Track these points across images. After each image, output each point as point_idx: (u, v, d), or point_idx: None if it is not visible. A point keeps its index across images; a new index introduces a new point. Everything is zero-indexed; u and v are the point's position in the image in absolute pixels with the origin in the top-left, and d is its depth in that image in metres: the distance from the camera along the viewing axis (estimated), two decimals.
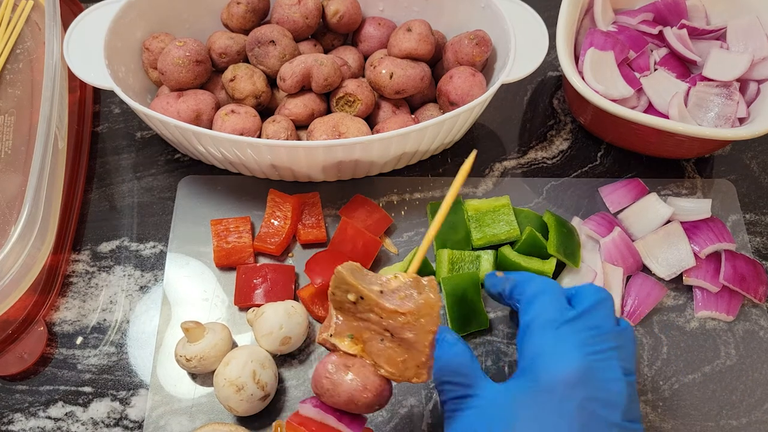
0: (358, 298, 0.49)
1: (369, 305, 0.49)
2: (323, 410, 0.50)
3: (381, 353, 0.49)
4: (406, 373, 0.48)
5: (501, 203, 0.72)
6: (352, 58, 0.78)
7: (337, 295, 0.50)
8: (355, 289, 0.49)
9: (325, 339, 0.50)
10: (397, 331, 0.48)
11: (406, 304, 0.48)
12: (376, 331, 0.49)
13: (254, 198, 0.75)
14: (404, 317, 0.48)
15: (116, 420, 0.64)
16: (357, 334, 0.49)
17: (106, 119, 0.83)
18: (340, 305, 0.50)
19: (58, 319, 0.69)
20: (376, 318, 0.49)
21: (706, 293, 0.69)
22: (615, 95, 0.72)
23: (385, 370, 0.48)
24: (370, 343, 0.49)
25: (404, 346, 0.48)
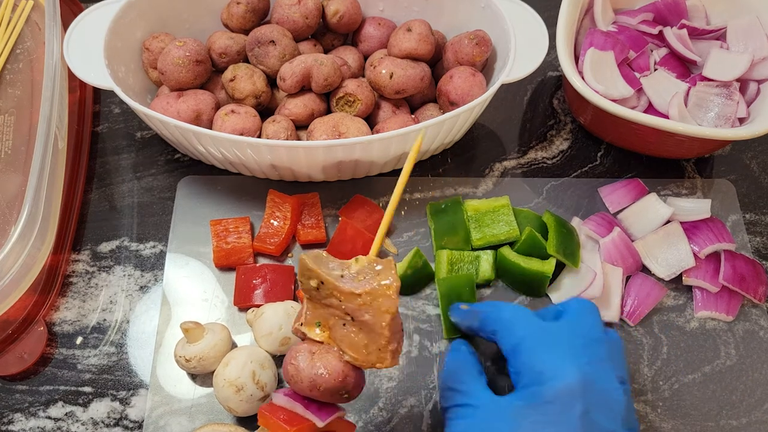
0: (320, 284, 0.49)
1: (329, 290, 0.49)
2: (292, 398, 0.50)
3: (344, 338, 0.49)
4: (369, 358, 0.48)
5: (500, 203, 0.72)
6: (352, 58, 0.78)
7: (304, 283, 0.50)
8: (315, 275, 0.49)
9: (297, 328, 0.51)
10: (356, 314, 0.48)
11: (362, 286, 0.48)
12: (339, 316, 0.49)
13: (254, 198, 0.75)
14: (360, 298, 0.47)
15: (116, 420, 0.64)
16: (324, 321, 0.50)
17: (106, 119, 0.83)
18: (309, 294, 0.50)
19: (58, 319, 0.69)
20: (337, 302, 0.49)
21: (706, 293, 0.69)
22: (615, 95, 0.72)
23: (349, 355, 0.48)
24: (335, 329, 0.49)
25: (365, 330, 0.48)
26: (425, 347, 0.67)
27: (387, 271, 0.48)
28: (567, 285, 0.69)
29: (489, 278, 0.69)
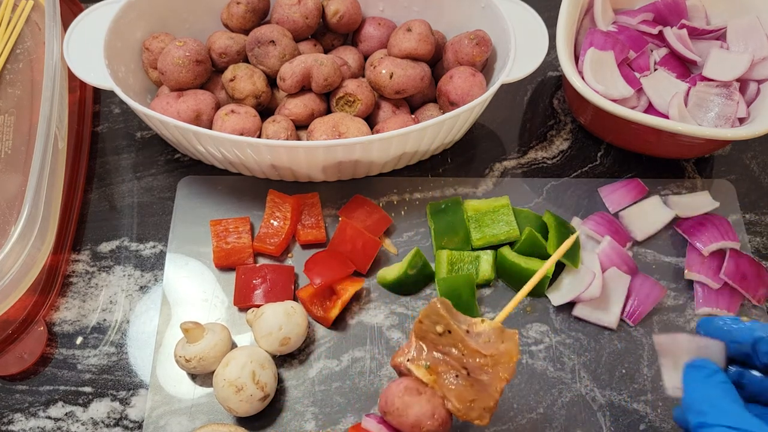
0: (446, 332, 0.51)
1: (454, 340, 0.51)
2: (386, 428, 0.51)
3: (453, 388, 0.50)
4: (471, 414, 0.50)
5: (500, 203, 0.72)
6: (352, 58, 0.78)
7: (425, 324, 0.51)
8: (445, 322, 0.51)
9: (401, 363, 0.51)
10: (475, 371, 0.50)
11: (488, 348, 0.50)
12: (453, 366, 0.51)
13: (254, 198, 0.75)
14: (484, 359, 0.50)
15: (116, 420, 0.64)
16: (433, 365, 0.51)
17: (106, 119, 0.83)
18: (424, 334, 0.52)
19: (58, 319, 0.69)
20: (458, 354, 0.51)
21: (707, 290, 0.69)
22: (615, 95, 0.72)
23: (453, 404, 0.50)
24: (444, 376, 0.51)
25: (477, 387, 0.50)
26: None
27: (512, 342, 0.51)
28: (567, 285, 0.69)
29: (489, 278, 0.69)
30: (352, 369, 0.66)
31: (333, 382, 0.65)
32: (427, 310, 0.51)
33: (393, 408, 0.50)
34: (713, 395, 0.46)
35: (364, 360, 0.66)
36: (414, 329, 0.52)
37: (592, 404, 0.64)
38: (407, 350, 0.52)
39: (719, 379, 0.46)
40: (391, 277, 0.69)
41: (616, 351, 0.67)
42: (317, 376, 0.65)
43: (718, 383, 0.46)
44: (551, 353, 0.67)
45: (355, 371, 0.65)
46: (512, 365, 0.50)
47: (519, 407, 0.64)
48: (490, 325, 0.51)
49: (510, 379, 0.50)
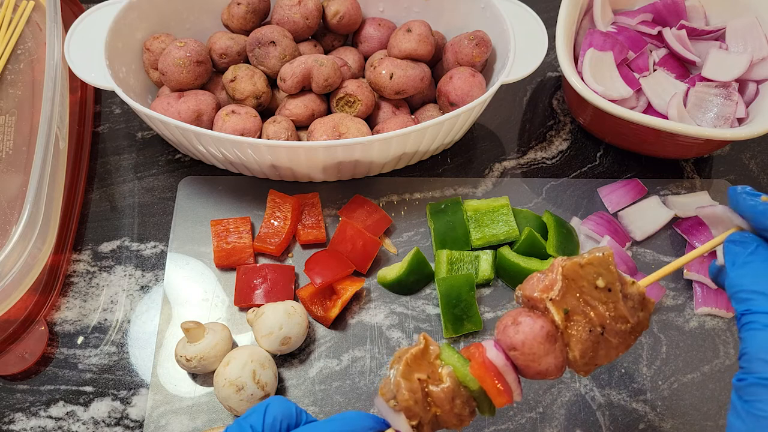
0: (606, 288, 0.47)
1: (607, 298, 0.47)
2: (510, 366, 0.47)
3: (582, 341, 0.46)
4: (582, 366, 0.47)
5: (500, 203, 0.72)
6: (353, 58, 0.78)
7: (585, 271, 0.47)
8: (610, 279, 0.47)
9: (541, 299, 0.47)
10: (610, 333, 0.47)
11: (633, 314, 0.47)
12: (592, 321, 0.47)
13: (254, 198, 0.75)
14: (625, 326, 0.47)
15: (117, 419, 0.64)
16: (572, 312, 0.47)
17: (107, 119, 0.83)
18: (576, 278, 0.47)
19: (59, 318, 0.69)
20: (604, 312, 0.47)
21: (706, 289, 0.69)
22: (614, 96, 0.73)
23: (573, 355, 0.47)
24: (578, 327, 0.47)
25: (601, 346, 0.47)
26: None
27: (647, 312, 0.48)
28: None
29: (489, 278, 0.69)
30: (352, 368, 0.66)
31: (333, 382, 0.65)
32: (597, 259, 0.47)
33: (528, 351, 0.46)
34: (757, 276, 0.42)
35: (364, 359, 0.66)
36: (565, 267, 0.47)
37: (591, 404, 0.64)
38: (551, 287, 0.47)
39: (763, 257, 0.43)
40: (391, 277, 0.69)
41: None
42: (317, 375, 0.65)
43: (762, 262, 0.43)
44: None
45: (355, 371, 0.66)
46: (638, 336, 0.47)
47: (519, 406, 0.64)
48: (638, 289, 0.48)
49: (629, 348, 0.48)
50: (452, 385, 0.46)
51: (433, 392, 0.45)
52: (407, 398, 0.44)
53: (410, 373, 0.46)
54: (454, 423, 0.47)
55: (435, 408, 0.45)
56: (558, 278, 0.47)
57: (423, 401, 0.45)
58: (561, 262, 0.47)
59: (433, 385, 0.45)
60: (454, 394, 0.46)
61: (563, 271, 0.47)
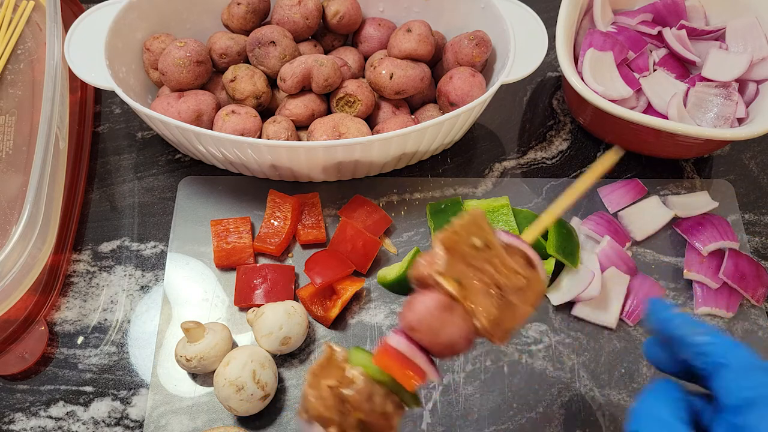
0: (485, 246, 0.46)
1: (490, 256, 0.46)
2: (416, 347, 0.46)
3: (483, 305, 0.45)
4: (495, 332, 0.46)
5: (500, 203, 0.72)
6: (353, 58, 0.78)
7: (460, 236, 0.46)
8: (485, 236, 0.46)
9: (429, 275, 0.46)
10: (507, 291, 0.46)
11: (524, 269, 0.47)
12: (486, 283, 0.46)
13: (254, 198, 0.75)
14: (519, 279, 0.46)
15: (117, 419, 0.64)
16: (464, 280, 0.46)
17: (107, 119, 0.83)
18: (455, 246, 0.46)
19: (59, 318, 0.69)
20: (492, 271, 0.46)
21: (706, 289, 0.69)
22: (614, 96, 0.73)
23: (480, 322, 0.45)
24: (475, 292, 0.46)
25: (507, 307, 0.46)
26: None
27: (540, 268, 0.48)
28: (566, 285, 0.69)
29: None
30: None
31: None
32: (467, 221, 0.47)
33: (426, 327, 0.45)
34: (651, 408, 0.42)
35: None
36: (442, 239, 0.46)
37: (591, 404, 0.64)
38: (434, 261, 0.46)
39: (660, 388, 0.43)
40: (391, 277, 0.69)
41: (615, 350, 0.67)
42: None
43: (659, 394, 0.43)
44: (550, 353, 0.67)
45: None
46: (540, 292, 0.47)
47: (518, 406, 0.64)
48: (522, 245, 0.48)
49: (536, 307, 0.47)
50: (365, 384, 0.44)
51: (347, 396, 0.44)
52: (315, 405, 0.43)
53: (317, 383, 0.44)
54: (383, 423, 0.45)
55: (355, 412, 0.44)
56: (439, 251, 0.46)
57: (337, 407, 0.44)
58: (439, 236, 0.47)
59: (345, 389, 0.44)
60: (369, 392, 0.44)
61: (442, 243, 0.46)
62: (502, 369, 0.66)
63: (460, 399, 0.65)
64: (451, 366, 0.66)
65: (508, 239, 0.48)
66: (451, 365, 0.66)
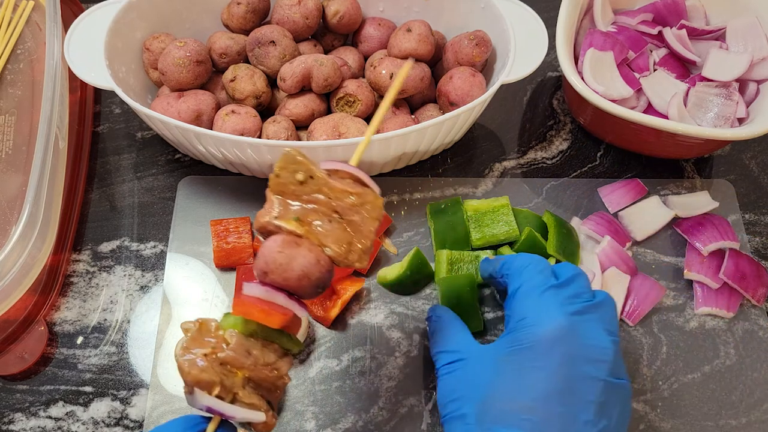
0: (308, 178, 0.47)
1: (318, 185, 0.48)
2: (272, 288, 0.46)
3: (328, 234, 0.47)
4: (350, 257, 0.47)
5: (500, 203, 0.72)
6: (352, 58, 0.78)
7: (282, 177, 0.48)
8: (305, 168, 0.48)
9: (268, 222, 0.47)
10: (346, 213, 0.48)
11: (353, 188, 0.48)
12: (323, 212, 0.48)
13: (254, 198, 0.75)
14: (353, 198, 0.48)
15: (117, 420, 0.64)
16: (302, 216, 0.47)
17: (107, 119, 0.83)
18: (282, 188, 0.48)
19: (59, 318, 0.69)
20: (324, 199, 0.47)
21: (707, 289, 0.69)
22: (614, 95, 0.73)
23: (332, 249, 0.47)
24: (316, 224, 0.47)
25: (351, 228, 0.48)
26: (425, 347, 0.67)
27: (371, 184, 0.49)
28: None
29: None
30: (352, 369, 0.66)
31: (333, 382, 0.65)
32: (282, 161, 0.48)
33: (275, 265, 0.45)
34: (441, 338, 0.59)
35: (364, 360, 0.66)
36: (270, 186, 0.48)
37: None
38: (270, 209, 0.47)
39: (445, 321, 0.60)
40: (391, 277, 0.69)
41: None
42: (317, 375, 0.65)
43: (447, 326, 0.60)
44: None
45: (355, 371, 0.66)
46: (379, 204, 0.48)
47: None
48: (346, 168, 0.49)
49: (380, 220, 0.48)
50: (238, 341, 0.45)
51: (226, 358, 0.44)
52: (187, 371, 0.43)
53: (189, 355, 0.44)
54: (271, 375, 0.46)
55: (240, 371, 0.44)
56: (271, 198, 0.48)
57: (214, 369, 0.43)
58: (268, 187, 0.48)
59: (221, 353, 0.44)
60: (245, 348, 0.45)
61: (271, 191, 0.48)
62: None
63: None
64: None
65: (330, 165, 0.49)
66: None
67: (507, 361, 0.50)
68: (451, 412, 0.52)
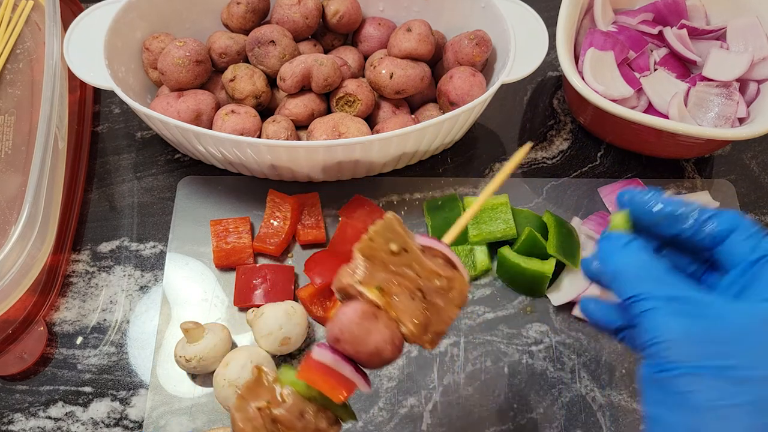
0: (402, 250, 0.47)
1: (409, 260, 0.47)
2: (341, 359, 0.45)
3: (408, 311, 0.46)
4: (424, 337, 0.46)
5: (499, 201, 0.72)
6: (352, 58, 0.78)
7: (376, 243, 0.47)
8: (401, 240, 0.47)
9: (350, 284, 0.46)
10: (431, 294, 0.46)
11: (445, 269, 0.47)
12: (407, 287, 0.46)
13: (254, 198, 0.75)
14: (441, 281, 0.46)
15: (116, 420, 0.64)
16: (385, 287, 0.46)
17: (106, 119, 0.83)
18: (373, 254, 0.47)
19: (58, 319, 0.69)
20: (412, 275, 0.46)
21: None
22: (615, 95, 0.72)
23: (407, 328, 0.45)
24: (399, 298, 0.46)
25: (431, 310, 0.46)
26: None
27: (461, 268, 0.48)
28: (567, 285, 0.69)
29: (487, 268, 0.70)
30: None
31: None
32: (380, 226, 0.47)
33: (350, 336, 0.44)
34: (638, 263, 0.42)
35: None
36: (360, 248, 0.47)
37: (592, 404, 0.64)
38: (354, 271, 0.46)
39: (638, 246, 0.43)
40: None
41: (616, 351, 0.67)
42: None
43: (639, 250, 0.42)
44: (551, 353, 0.67)
45: None
46: (465, 292, 0.47)
47: (519, 407, 0.64)
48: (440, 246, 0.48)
49: (462, 307, 0.47)
50: (294, 401, 0.44)
51: (279, 416, 0.44)
52: (243, 428, 0.43)
53: (245, 405, 0.44)
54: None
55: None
56: (358, 260, 0.47)
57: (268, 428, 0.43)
58: (356, 245, 0.47)
59: (276, 409, 0.44)
60: (300, 410, 0.44)
61: (360, 252, 0.47)
62: (503, 369, 0.66)
63: (461, 400, 0.64)
64: (451, 367, 0.66)
65: (426, 241, 0.48)
66: (451, 366, 0.66)
67: None
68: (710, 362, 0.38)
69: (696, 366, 0.38)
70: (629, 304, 0.41)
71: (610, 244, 0.44)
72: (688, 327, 0.39)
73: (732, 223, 0.43)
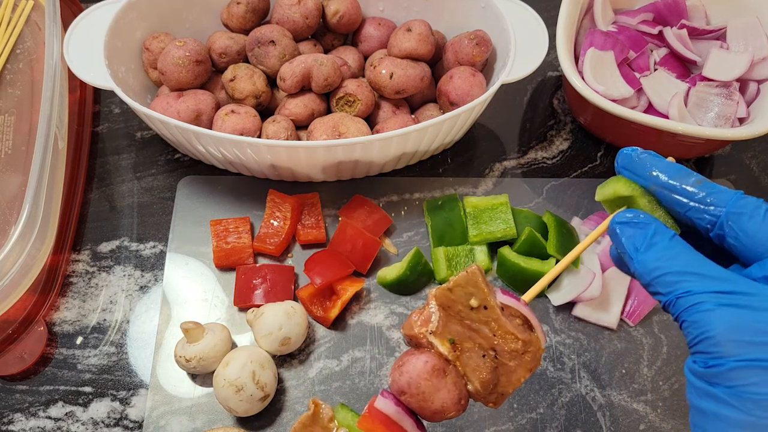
0: (482, 307, 0.45)
1: (487, 317, 0.45)
2: (404, 412, 0.45)
3: (477, 369, 0.45)
4: (489, 396, 0.45)
5: (499, 201, 0.72)
6: (352, 58, 0.78)
7: (455, 294, 0.45)
8: (482, 297, 0.45)
9: (422, 334, 0.45)
10: (504, 355, 0.45)
11: (522, 332, 0.45)
12: (481, 345, 0.45)
13: (254, 198, 0.75)
14: (516, 344, 0.45)
15: (116, 420, 0.64)
16: (458, 341, 0.45)
17: (106, 119, 0.83)
18: (450, 304, 0.45)
19: (58, 319, 0.69)
20: (488, 333, 0.45)
21: None
22: (615, 95, 0.72)
23: (474, 387, 0.45)
24: (469, 354, 0.45)
25: (501, 371, 0.45)
26: None
27: (539, 331, 0.46)
28: (567, 285, 0.69)
29: (487, 268, 0.70)
30: (352, 369, 0.66)
31: (333, 382, 0.65)
32: (463, 278, 0.45)
33: (417, 391, 0.44)
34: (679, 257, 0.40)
35: (364, 360, 0.66)
36: (437, 296, 0.45)
37: (592, 404, 0.64)
38: (429, 320, 0.45)
39: (668, 236, 0.41)
40: (391, 277, 0.69)
41: (616, 351, 0.67)
42: (317, 376, 0.65)
43: (671, 241, 0.40)
44: (551, 353, 0.67)
45: (355, 371, 0.66)
46: (538, 356, 0.45)
47: (519, 407, 0.64)
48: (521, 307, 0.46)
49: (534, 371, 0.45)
50: None
51: None
52: None
53: None
54: None
55: None
56: (433, 309, 0.45)
57: None
58: (434, 292, 0.45)
59: None
60: None
61: (437, 300, 0.45)
62: None
63: None
64: None
65: (506, 300, 0.46)
66: None
67: None
68: None
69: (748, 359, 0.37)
70: (671, 302, 0.39)
71: (634, 240, 0.41)
72: (737, 319, 0.37)
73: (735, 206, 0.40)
